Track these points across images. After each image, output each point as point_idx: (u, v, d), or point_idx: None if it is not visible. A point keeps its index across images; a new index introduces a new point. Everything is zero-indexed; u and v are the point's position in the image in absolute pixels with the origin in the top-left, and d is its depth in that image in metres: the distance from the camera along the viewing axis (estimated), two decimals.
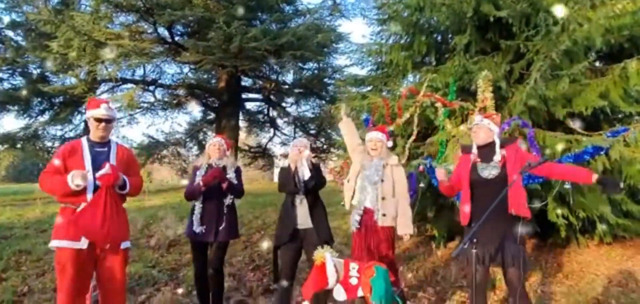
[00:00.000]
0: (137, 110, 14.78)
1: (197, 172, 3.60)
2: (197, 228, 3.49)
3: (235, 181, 3.63)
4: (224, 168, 3.61)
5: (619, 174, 4.12)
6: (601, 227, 4.53)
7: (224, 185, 3.52)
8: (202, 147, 18.52)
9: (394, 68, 5.90)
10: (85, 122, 14.80)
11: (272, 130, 17.63)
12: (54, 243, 2.65)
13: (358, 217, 3.26)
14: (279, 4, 13.81)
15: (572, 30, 3.92)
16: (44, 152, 14.24)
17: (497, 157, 2.84)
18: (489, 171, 2.86)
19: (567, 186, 3.54)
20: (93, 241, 2.64)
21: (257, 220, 8.04)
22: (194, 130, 17.80)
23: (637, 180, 3.95)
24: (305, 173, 3.39)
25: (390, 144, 3.47)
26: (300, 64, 14.13)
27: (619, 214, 4.50)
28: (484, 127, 2.88)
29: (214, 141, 3.73)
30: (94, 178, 2.69)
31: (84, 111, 14.27)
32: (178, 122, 51.69)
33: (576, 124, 4.26)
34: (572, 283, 4.41)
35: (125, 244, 2.84)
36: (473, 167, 2.94)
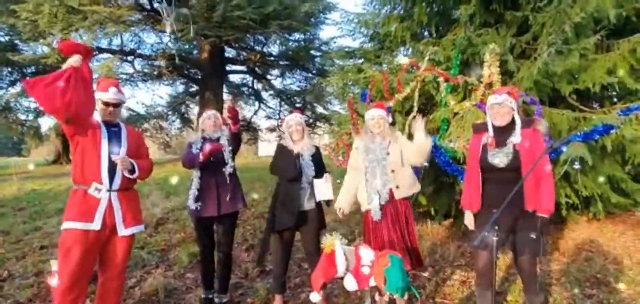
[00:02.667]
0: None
1: (193, 148, 3.39)
2: (193, 205, 3.32)
3: (230, 150, 3.46)
4: (218, 139, 3.45)
5: (622, 153, 4.08)
6: (599, 205, 4.50)
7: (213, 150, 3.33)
8: (185, 120, 18.08)
9: (392, 40, 5.66)
10: None
11: (257, 103, 17.28)
12: (65, 225, 2.57)
13: (377, 202, 3.04)
14: None
15: (585, 1, 3.75)
16: (17, 125, 13.59)
17: (516, 139, 2.62)
18: (500, 158, 2.64)
19: (577, 166, 3.47)
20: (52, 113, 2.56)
21: (246, 196, 7.83)
22: (176, 102, 17.30)
23: None
24: (310, 172, 3.30)
25: (390, 120, 3.28)
26: (286, 35, 13.72)
27: (617, 192, 4.49)
28: (507, 107, 2.64)
29: (209, 114, 3.54)
30: (109, 160, 2.65)
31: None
32: (159, 94, 50.45)
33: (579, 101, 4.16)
34: (569, 261, 4.40)
35: (133, 229, 2.77)
36: (484, 150, 2.72)
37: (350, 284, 2.47)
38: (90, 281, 2.77)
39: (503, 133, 2.69)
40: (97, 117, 2.76)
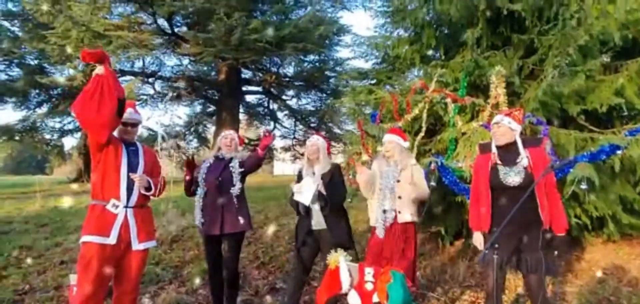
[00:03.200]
0: (137, 102, 14.67)
1: (203, 165, 3.52)
2: (198, 220, 3.43)
3: (239, 172, 3.50)
4: (230, 160, 3.53)
5: (632, 173, 4.05)
6: (611, 226, 4.45)
7: (188, 177, 3.45)
8: (201, 139, 18.46)
9: (401, 62, 5.78)
10: None
11: (272, 123, 17.54)
12: (83, 238, 2.68)
13: (382, 223, 3.18)
14: None
15: (589, 24, 3.81)
16: (42, 145, 14.14)
17: (523, 160, 2.68)
18: (513, 177, 2.69)
19: (583, 186, 3.47)
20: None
21: (259, 215, 7.97)
22: (194, 122, 17.71)
23: None
24: (304, 199, 3.31)
25: (406, 144, 3.37)
26: (301, 57, 14.03)
27: (630, 213, 4.43)
28: (505, 126, 2.75)
29: (227, 134, 3.63)
30: (128, 178, 2.78)
31: None
32: (178, 114, 51.60)
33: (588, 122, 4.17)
34: (583, 283, 4.34)
35: (147, 244, 2.88)
36: (494, 170, 2.77)
37: (354, 300, 2.54)
38: (106, 294, 2.88)
39: (509, 152, 2.75)
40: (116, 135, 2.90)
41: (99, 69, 2.66)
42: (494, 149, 2.82)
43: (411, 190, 3.19)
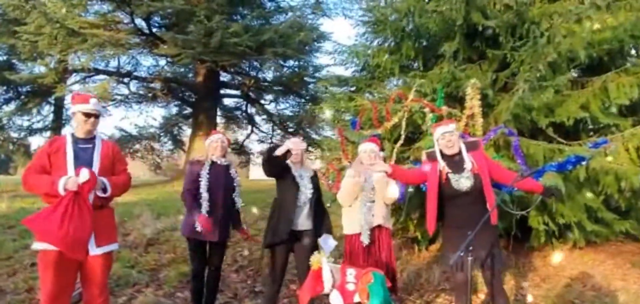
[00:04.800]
0: (110, 102, 14.34)
1: (202, 172, 3.47)
2: (199, 227, 3.36)
3: (237, 178, 3.62)
4: (228, 167, 3.56)
5: (596, 183, 4.30)
6: (576, 232, 4.70)
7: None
8: (176, 142, 18.17)
9: (381, 71, 5.93)
10: (55, 113, 14.22)
11: (249, 127, 17.47)
12: (36, 245, 2.56)
13: (366, 228, 3.25)
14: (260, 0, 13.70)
15: (557, 42, 4.05)
16: (9, 144, 13.60)
17: (468, 165, 2.85)
18: (464, 182, 2.86)
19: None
20: (52, 243, 2.49)
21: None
22: (169, 124, 17.43)
23: (613, 189, 4.12)
24: (308, 192, 3.42)
25: (382, 154, 3.50)
26: (280, 62, 14.04)
27: (594, 220, 4.69)
28: (456, 135, 2.91)
29: (216, 138, 3.61)
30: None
31: (52, 101, 13.69)
32: (153, 116, 50.52)
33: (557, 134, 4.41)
34: (549, 287, 4.56)
35: (107, 248, 2.74)
36: (446, 179, 2.91)
37: (336, 300, 2.61)
38: (71, 298, 2.75)
39: (455, 159, 2.92)
40: (67, 131, 2.79)
41: (72, 183, 2.50)
42: (440, 159, 2.94)
43: (383, 203, 3.35)
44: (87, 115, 2.71)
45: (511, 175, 2.92)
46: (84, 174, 2.52)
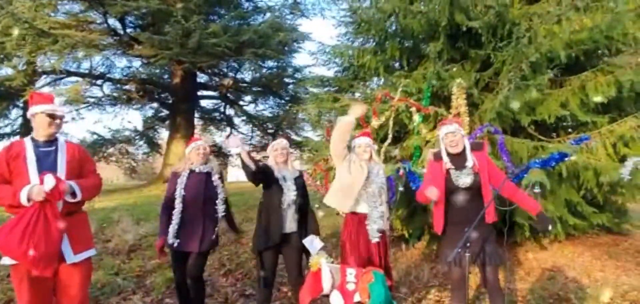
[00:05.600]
0: (83, 105, 13.87)
1: (178, 180, 3.37)
2: (171, 239, 3.25)
3: (220, 186, 3.48)
4: (209, 174, 3.45)
5: (577, 178, 4.47)
6: (559, 226, 4.86)
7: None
8: (152, 145, 17.74)
9: (366, 71, 5.97)
10: (24, 117, 13.62)
11: (228, 128, 17.25)
12: (3, 261, 2.36)
13: (376, 227, 3.16)
14: (238, 0, 13.55)
15: (539, 43, 4.18)
16: None
17: (470, 163, 2.92)
18: (463, 179, 2.93)
19: (537, 190, 3.80)
20: (15, 259, 2.31)
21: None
22: (146, 127, 17.01)
23: (592, 184, 4.29)
24: (291, 195, 3.36)
25: (375, 147, 3.49)
26: (259, 63, 13.94)
27: (574, 215, 4.87)
28: (459, 134, 2.98)
29: (197, 145, 3.48)
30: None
31: (21, 105, 13.11)
32: (128, 119, 49.16)
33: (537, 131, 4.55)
34: (534, 280, 4.71)
35: (85, 254, 2.56)
36: (447, 175, 2.98)
37: (337, 300, 2.60)
38: None
39: (459, 157, 2.99)
40: (26, 137, 2.57)
41: (37, 193, 2.30)
42: (445, 157, 3.01)
43: (380, 202, 3.25)
44: (52, 116, 2.50)
45: (512, 188, 3.00)
46: (49, 180, 2.29)
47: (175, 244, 3.26)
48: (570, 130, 4.91)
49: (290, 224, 3.39)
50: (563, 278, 4.65)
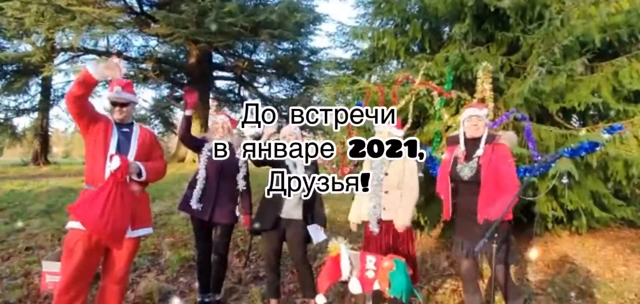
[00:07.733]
0: (100, 83, 13.94)
1: (203, 149, 3.45)
2: (195, 205, 3.34)
3: (244, 161, 3.51)
4: (231, 145, 3.47)
5: (604, 169, 4.28)
6: (583, 219, 4.69)
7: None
8: (168, 124, 17.86)
9: (385, 53, 5.80)
10: (42, 93, 13.78)
11: (242, 110, 17.22)
12: (69, 224, 2.57)
13: (374, 217, 3.12)
14: None
15: (572, 26, 3.96)
16: None
17: (479, 152, 2.79)
18: (465, 172, 2.83)
19: (565, 180, 3.63)
20: (91, 231, 2.48)
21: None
22: (160, 106, 17.11)
23: (621, 176, 4.10)
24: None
25: (401, 133, 3.35)
26: (275, 44, 13.79)
27: (599, 207, 4.69)
28: (483, 119, 2.83)
29: (218, 119, 3.55)
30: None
31: (40, 81, 13.26)
32: (144, 97, 49.68)
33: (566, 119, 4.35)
34: (554, 273, 4.57)
35: (141, 231, 2.78)
36: (453, 163, 2.90)
37: (355, 287, 2.53)
38: (91, 282, 2.73)
39: (472, 146, 2.85)
40: (110, 116, 2.75)
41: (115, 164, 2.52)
42: (461, 143, 2.89)
43: (399, 195, 3.15)
44: (113, 103, 2.73)
45: (513, 186, 2.73)
46: (116, 161, 2.52)
47: (200, 209, 3.33)
48: (597, 119, 4.69)
49: (292, 210, 3.34)
50: (585, 271, 4.51)
